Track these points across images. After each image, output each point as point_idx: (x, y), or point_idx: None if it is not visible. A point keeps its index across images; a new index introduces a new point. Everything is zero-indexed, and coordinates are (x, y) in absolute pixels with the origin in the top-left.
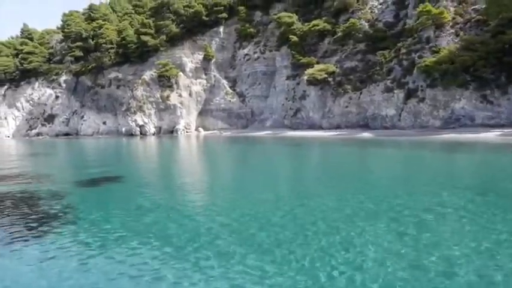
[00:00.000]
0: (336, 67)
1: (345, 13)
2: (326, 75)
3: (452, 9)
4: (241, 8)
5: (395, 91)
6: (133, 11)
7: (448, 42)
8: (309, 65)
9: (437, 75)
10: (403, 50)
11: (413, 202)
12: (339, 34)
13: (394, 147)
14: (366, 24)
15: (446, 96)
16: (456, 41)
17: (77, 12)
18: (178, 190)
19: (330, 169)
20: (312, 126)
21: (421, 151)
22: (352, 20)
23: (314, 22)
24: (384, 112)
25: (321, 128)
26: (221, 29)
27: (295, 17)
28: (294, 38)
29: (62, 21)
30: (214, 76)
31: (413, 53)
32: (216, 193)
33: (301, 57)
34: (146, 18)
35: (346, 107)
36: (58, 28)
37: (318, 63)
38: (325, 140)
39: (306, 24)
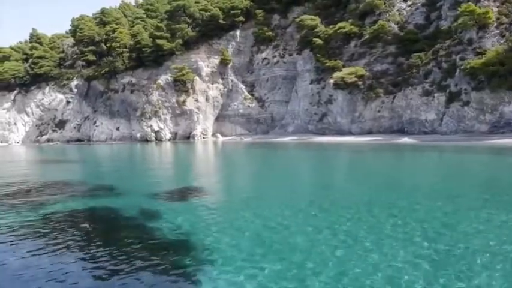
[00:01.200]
0: (366, 70)
1: (371, 15)
2: (356, 79)
3: (495, 9)
4: (259, 11)
5: (436, 94)
6: (144, 15)
7: (493, 44)
8: (334, 69)
9: (483, 77)
10: (442, 52)
11: None
12: (366, 37)
13: (446, 152)
14: (396, 26)
15: (494, 99)
16: (502, 42)
17: (87, 16)
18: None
19: (394, 180)
20: (340, 132)
21: (479, 156)
22: (380, 22)
23: (340, 24)
24: (423, 116)
25: (350, 133)
26: (238, 32)
27: (318, 20)
28: (318, 41)
29: (71, 25)
30: (232, 81)
31: (454, 55)
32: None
33: (326, 61)
34: (159, 22)
35: (379, 111)
36: (67, 32)
37: (344, 66)
38: (362, 146)
39: (331, 26)
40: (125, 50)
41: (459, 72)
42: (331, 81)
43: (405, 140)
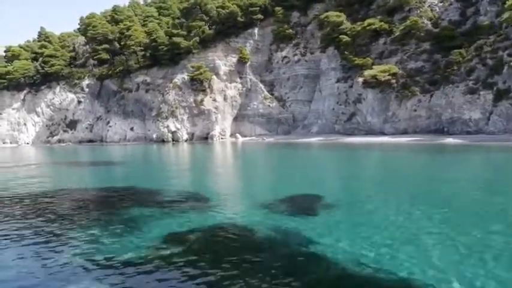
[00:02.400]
0: (398, 68)
1: (400, 12)
2: (390, 77)
3: None
4: (278, 8)
5: (481, 92)
6: (156, 14)
7: None
8: (363, 67)
9: None
10: (487, 48)
11: None
12: (397, 33)
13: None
14: (428, 22)
15: None
16: None
17: (97, 14)
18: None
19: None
20: (370, 132)
21: None
22: (413, 18)
23: (368, 21)
24: (466, 115)
25: (382, 133)
26: (256, 30)
27: (343, 17)
28: (345, 38)
29: (80, 24)
30: (250, 80)
31: (501, 51)
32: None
33: (355, 58)
34: (173, 20)
35: (415, 110)
36: (75, 31)
37: (373, 64)
38: (405, 146)
39: (358, 23)
40: (139, 48)
41: (507, 69)
42: (360, 79)
43: (449, 140)
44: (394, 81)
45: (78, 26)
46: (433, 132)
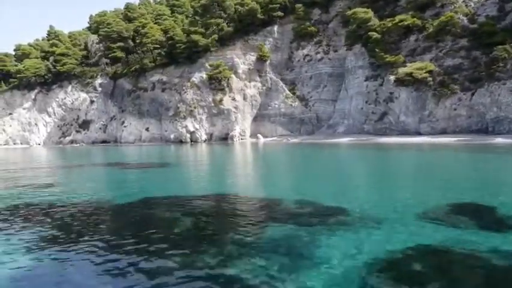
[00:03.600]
0: (435, 66)
1: (431, 8)
2: (427, 74)
3: None
4: (299, 5)
5: None
6: (169, 12)
7: None
8: (394, 64)
9: None
10: None
11: None
12: (431, 30)
13: None
14: (464, 18)
15: None
16: None
17: (109, 12)
18: None
19: None
20: (404, 132)
21: None
22: (448, 13)
23: (400, 17)
24: None
25: (417, 133)
26: (275, 28)
27: (371, 13)
28: (375, 35)
29: (89, 22)
30: (271, 78)
31: None
32: None
33: (386, 56)
34: (187, 18)
35: (455, 109)
36: (84, 29)
37: (404, 62)
38: (453, 147)
39: (388, 19)
40: (156, 46)
41: None
42: (392, 77)
43: (499, 140)
44: (430, 79)
45: (88, 25)
46: (475, 132)
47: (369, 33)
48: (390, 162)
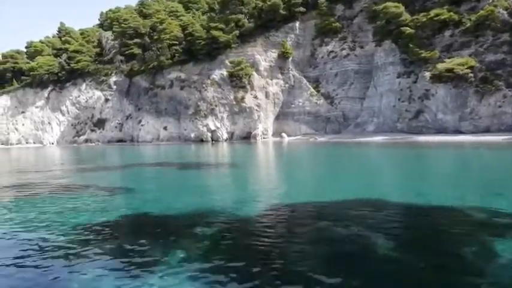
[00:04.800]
0: (475, 61)
1: (466, 2)
2: (468, 70)
3: None
4: (322, 1)
5: None
6: (182, 8)
7: None
8: (429, 60)
9: None
10: None
11: None
12: (468, 24)
13: None
14: (505, 12)
15: None
16: None
17: (123, 8)
18: None
19: None
20: (442, 130)
21: None
22: (488, 7)
23: (435, 11)
24: None
25: (457, 131)
26: (297, 24)
27: (402, 8)
28: (408, 30)
29: (100, 19)
30: (294, 76)
31: None
32: None
33: (421, 51)
34: (203, 14)
35: (499, 106)
36: (94, 26)
37: (439, 57)
38: (496, 147)
39: (422, 14)
40: (174, 42)
41: None
42: (427, 73)
43: None
44: (471, 75)
45: (99, 22)
46: None
47: (401, 28)
48: (453, 161)
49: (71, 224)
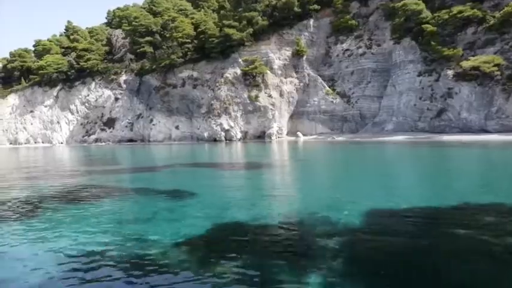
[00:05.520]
0: (502, 59)
1: None
2: (495, 68)
3: None
4: None
5: None
6: (190, 7)
7: None
8: (451, 58)
9: None
10: None
11: None
12: (492, 22)
13: None
14: None
15: None
16: None
17: (131, 7)
18: None
19: None
20: (467, 129)
21: None
22: None
23: (458, 8)
24: None
25: (482, 130)
26: (311, 22)
27: (423, 5)
28: (430, 28)
29: (107, 18)
30: (308, 74)
31: None
32: None
33: (444, 49)
34: (213, 11)
35: None
36: (101, 25)
37: (462, 55)
38: None
39: (443, 11)
40: (186, 40)
41: None
42: (450, 72)
43: None
44: (498, 73)
45: (106, 20)
46: None
47: (422, 25)
48: (506, 160)
49: (170, 236)
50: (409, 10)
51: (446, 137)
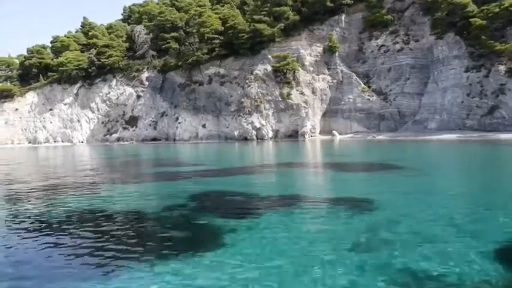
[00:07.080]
0: None
1: None
2: None
3: None
4: None
5: None
6: (209, 2)
7: None
8: (503, 53)
9: None
10: None
11: None
12: None
13: None
14: None
15: None
16: None
17: (151, 1)
18: None
19: None
20: None
21: None
22: None
23: (509, 1)
24: None
25: None
26: (342, 17)
27: None
28: (478, 21)
29: (123, 14)
30: (342, 71)
31: None
32: None
33: (496, 44)
34: (233, 8)
35: None
36: (117, 21)
37: None
38: None
39: (493, 4)
40: (213, 36)
41: None
42: (502, 67)
43: None
44: None
45: (122, 16)
46: None
47: (470, 19)
48: None
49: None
50: (452, 4)
51: (503, 136)
